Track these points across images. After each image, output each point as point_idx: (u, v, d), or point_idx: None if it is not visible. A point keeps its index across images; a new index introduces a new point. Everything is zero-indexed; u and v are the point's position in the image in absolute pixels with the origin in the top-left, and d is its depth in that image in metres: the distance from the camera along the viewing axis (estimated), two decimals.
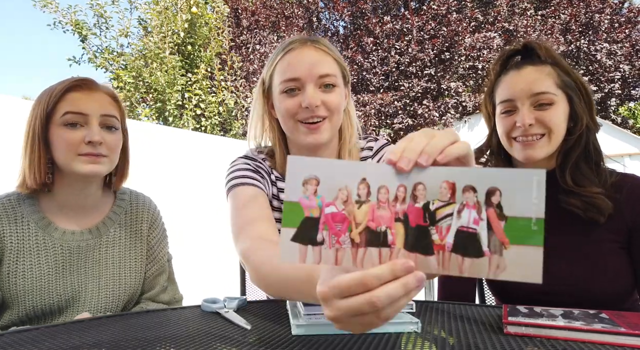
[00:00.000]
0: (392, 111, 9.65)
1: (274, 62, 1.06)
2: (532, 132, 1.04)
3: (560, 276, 1.03)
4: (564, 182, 1.05)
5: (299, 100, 1.00)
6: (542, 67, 1.07)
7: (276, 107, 1.07)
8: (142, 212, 1.18)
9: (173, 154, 3.91)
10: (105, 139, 1.03)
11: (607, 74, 10.89)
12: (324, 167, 0.46)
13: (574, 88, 1.06)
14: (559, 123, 1.04)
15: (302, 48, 1.03)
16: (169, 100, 7.27)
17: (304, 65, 1.00)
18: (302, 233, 0.45)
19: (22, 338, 0.68)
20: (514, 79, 1.08)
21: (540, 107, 1.04)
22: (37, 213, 1.03)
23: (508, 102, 1.08)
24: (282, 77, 1.02)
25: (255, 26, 11.26)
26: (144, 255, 1.15)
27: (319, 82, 1.01)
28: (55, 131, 1.01)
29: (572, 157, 1.06)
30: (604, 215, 1.01)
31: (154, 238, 1.19)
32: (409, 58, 9.56)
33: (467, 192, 0.44)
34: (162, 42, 7.62)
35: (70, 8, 7.48)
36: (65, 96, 1.01)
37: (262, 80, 1.11)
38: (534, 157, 1.05)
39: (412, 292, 0.44)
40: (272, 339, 0.67)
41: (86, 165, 1.00)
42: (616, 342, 0.64)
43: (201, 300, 0.90)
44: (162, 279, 1.18)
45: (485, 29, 9.80)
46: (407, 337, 0.68)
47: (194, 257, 3.46)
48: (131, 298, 1.12)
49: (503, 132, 1.10)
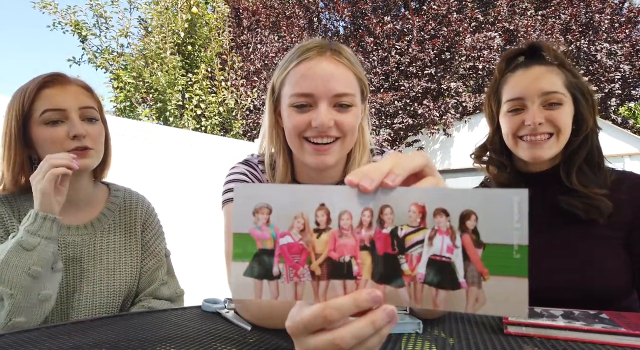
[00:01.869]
0: (393, 111, 9.65)
1: (287, 69, 0.94)
2: (541, 131, 1.04)
3: (558, 274, 1.03)
4: (570, 182, 1.05)
5: (310, 117, 0.90)
6: (550, 67, 1.07)
7: (284, 120, 0.96)
8: (135, 208, 1.19)
9: (173, 154, 3.91)
10: (88, 131, 1.03)
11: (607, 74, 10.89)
12: (276, 193, 0.41)
13: (580, 90, 1.06)
14: (567, 123, 1.04)
15: (320, 59, 0.91)
16: (169, 101, 7.27)
17: (319, 81, 0.89)
18: (256, 267, 0.41)
19: (23, 338, 0.68)
20: (522, 77, 1.07)
21: (549, 106, 1.04)
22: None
23: (517, 100, 1.07)
24: (293, 89, 0.91)
25: (256, 26, 11.26)
26: (139, 250, 1.16)
27: (333, 100, 0.90)
28: (36, 130, 1.01)
29: (577, 158, 1.06)
30: (604, 216, 1.02)
31: (148, 233, 1.20)
32: (409, 58, 9.56)
33: (439, 215, 0.39)
34: (162, 42, 7.61)
35: (69, 9, 7.47)
36: (39, 94, 1.01)
37: (272, 86, 1.00)
38: (542, 156, 1.05)
39: (382, 329, 0.40)
40: (272, 339, 0.67)
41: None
42: (616, 342, 0.64)
43: (202, 301, 0.90)
44: (161, 273, 1.19)
45: (485, 29, 9.80)
46: (407, 337, 0.68)
47: (194, 257, 3.46)
48: (129, 294, 1.12)
49: (509, 131, 1.09)
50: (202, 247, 3.71)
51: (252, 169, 1.04)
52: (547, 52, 1.10)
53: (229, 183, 1.02)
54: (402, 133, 9.76)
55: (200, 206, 3.90)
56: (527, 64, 1.10)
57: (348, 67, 0.93)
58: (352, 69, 0.94)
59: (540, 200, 1.10)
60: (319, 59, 0.91)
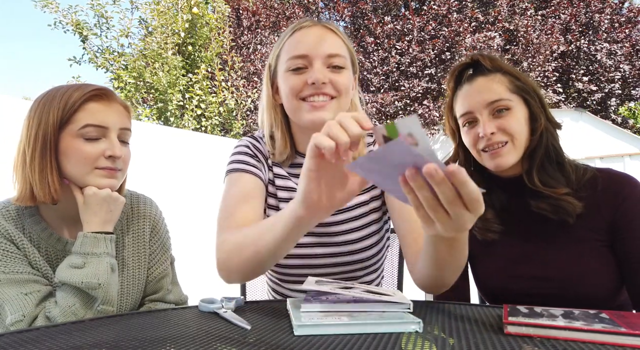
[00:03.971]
0: (393, 111, 9.64)
1: (282, 42, 1.02)
2: (496, 140, 1.06)
3: (544, 279, 1.04)
4: (532, 183, 1.06)
5: (305, 77, 0.97)
6: (492, 76, 1.10)
7: (280, 87, 1.03)
8: (143, 216, 1.16)
9: (174, 154, 3.91)
10: (123, 152, 1.01)
11: (607, 74, 10.88)
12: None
13: (526, 90, 1.09)
14: (519, 128, 1.06)
15: (313, 27, 1.00)
16: (170, 101, 7.28)
17: (312, 43, 0.97)
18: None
19: (23, 338, 0.68)
20: (468, 92, 1.11)
21: (498, 114, 1.07)
22: (38, 224, 1.01)
23: (467, 114, 1.11)
24: (289, 54, 0.99)
25: (256, 26, 11.26)
26: (146, 260, 1.13)
27: (327, 61, 0.98)
28: (70, 141, 0.96)
29: (536, 158, 1.07)
30: (572, 216, 1.02)
31: (156, 242, 1.16)
32: (409, 58, 9.55)
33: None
34: (163, 42, 7.62)
35: (70, 8, 7.48)
36: (84, 106, 0.97)
37: (269, 65, 1.08)
38: (503, 165, 1.07)
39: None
40: (272, 339, 0.67)
41: (103, 180, 0.98)
42: (616, 342, 0.64)
43: (198, 301, 0.90)
44: (166, 281, 1.17)
45: (485, 29, 9.79)
46: (407, 337, 0.68)
47: (194, 257, 3.46)
48: (134, 304, 1.11)
49: (470, 145, 1.12)
50: (202, 247, 3.71)
51: (255, 141, 1.14)
52: (485, 62, 1.13)
53: (234, 155, 1.11)
54: None
55: (200, 206, 3.90)
56: (470, 78, 1.13)
57: (339, 35, 1.02)
58: (342, 38, 1.03)
59: (516, 206, 1.11)
60: (312, 27, 1.00)
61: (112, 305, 0.97)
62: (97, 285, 0.93)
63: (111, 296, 0.96)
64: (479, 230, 1.13)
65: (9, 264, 0.94)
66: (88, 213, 0.98)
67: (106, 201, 0.99)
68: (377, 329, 0.70)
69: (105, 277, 0.95)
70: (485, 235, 1.12)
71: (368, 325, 0.70)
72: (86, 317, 0.93)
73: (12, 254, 0.95)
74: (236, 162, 1.09)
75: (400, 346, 0.64)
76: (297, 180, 1.09)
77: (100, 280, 0.94)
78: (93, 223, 0.98)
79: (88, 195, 0.98)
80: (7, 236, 0.96)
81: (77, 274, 0.93)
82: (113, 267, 0.98)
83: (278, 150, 1.09)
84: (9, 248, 0.95)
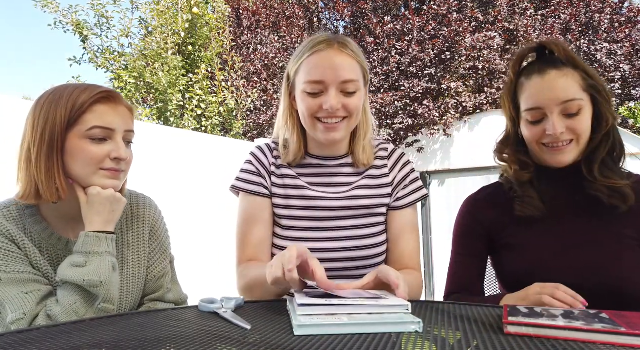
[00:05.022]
0: (393, 111, 9.64)
1: (301, 60, 1.12)
2: (562, 139, 1.05)
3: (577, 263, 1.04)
4: (592, 176, 1.07)
5: (321, 101, 1.08)
6: (565, 70, 1.06)
7: (298, 103, 1.15)
8: (143, 215, 1.16)
9: (174, 154, 3.91)
10: (127, 154, 1.03)
11: (607, 74, 10.88)
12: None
13: (597, 89, 1.06)
14: (586, 128, 1.07)
15: (329, 51, 1.09)
16: (170, 101, 7.27)
17: (328, 70, 1.07)
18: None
19: (23, 338, 0.68)
20: (539, 86, 1.07)
21: (569, 116, 1.05)
22: (39, 224, 1.01)
23: (536, 110, 1.07)
24: (307, 77, 1.09)
25: (256, 26, 11.26)
26: (146, 259, 1.14)
27: (341, 87, 1.08)
28: (77, 142, 0.97)
29: (599, 154, 1.08)
30: (626, 203, 1.03)
31: (155, 240, 1.17)
32: (409, 58, 9.55)
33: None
34: (163, 42, 7.62)
35: (71, 8, 7.47)
36: (92, 107, 0.98)
37: (287, 75, 1.19)
38: (564, 162, 1.08)
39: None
40: (272, 339, 0.67)
41: (107, 180, 1.00)
42: (616, 342, 0.64)
43: (198, 301, 0.90)
44: (166, 280, 1.17)
45: (485, 29, 9.79)
46: (407, 337, 0.68)
47: (194, 257, 3.46)
48: (134, 304, 1.11)
49: (531, 139, 1.11)
50: (202, 247, 3.71)
51: (260, 152, 1.24)
52: (558, 52, 1.09)
53: (242, 173, 1.23)
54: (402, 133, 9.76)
55: (200, 206, 3.90)
56: (541, 70, 1.08)
57: (352, 57, 1.11)
58: (356, 59, 1.12)
59: (564, 194, 1.12)
60: (328, 51, 1.09)
61: (113, 303, 0.97)
62: (99, 283, 0.94)
63: (112, 294, 0.96)
64: (520, 206, 1.12)
65: (10, 264, 0.94)
66: (91, 212, 0.99)
67: (109, 201, 0.99)
68: (377, 329, 0.70)
69: (107, 275, 0.95)
70: (524, 211, 1.11)
71: (368, 326, 0.70)
72: (87, 315, 0.94)
73: (13, 254, 0.96)
74: (243, 182, 1.21)
75: (400, 346, 0.64)
76: (306, 178, 1.20)
77: (101, 278, 0.94)
78: (95, 223, 0.98)
79: (92, 194, 0.98)
80: (8, 236, 0.96)
81: (78, 272, 0.93)
82: (114, 266, 0.99)
83: (292, 153, 1.19)
84: (10, 248, 0.96)
